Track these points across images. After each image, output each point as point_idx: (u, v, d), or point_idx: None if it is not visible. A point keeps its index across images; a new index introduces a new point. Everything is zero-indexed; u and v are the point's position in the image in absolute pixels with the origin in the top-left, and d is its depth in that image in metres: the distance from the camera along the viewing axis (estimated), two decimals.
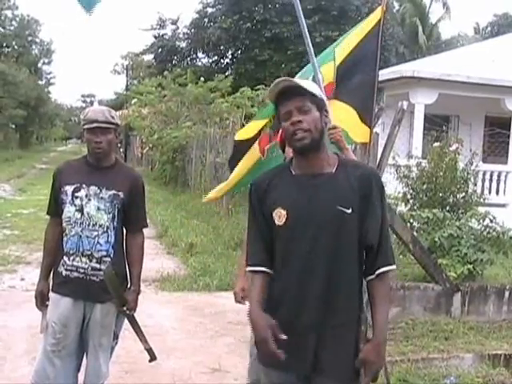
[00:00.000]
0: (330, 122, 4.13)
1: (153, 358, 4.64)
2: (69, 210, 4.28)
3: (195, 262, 11.14)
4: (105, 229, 4.27)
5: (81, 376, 4.48)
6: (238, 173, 5.47)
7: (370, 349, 2.97)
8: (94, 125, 4.22)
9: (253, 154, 5.39)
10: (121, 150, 50.14)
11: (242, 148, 5.50)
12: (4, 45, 60.76)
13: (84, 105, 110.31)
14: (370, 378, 2.99)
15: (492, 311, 8.33)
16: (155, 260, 11.35)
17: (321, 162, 3.05)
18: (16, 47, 63.39)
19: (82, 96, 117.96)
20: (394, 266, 3.06)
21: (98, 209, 4.26)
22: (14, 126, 58.29)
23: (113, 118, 4.31)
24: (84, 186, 4.28)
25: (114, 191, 4.29)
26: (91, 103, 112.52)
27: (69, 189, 4.29)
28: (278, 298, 3.07)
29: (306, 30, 5.07)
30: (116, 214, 4.30)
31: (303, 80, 3.14)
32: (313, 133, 2.99)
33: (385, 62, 29.02)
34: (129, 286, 4.46)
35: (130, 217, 4.40)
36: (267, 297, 3.08)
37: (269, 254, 3.13)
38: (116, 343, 4.59)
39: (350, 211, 2.97)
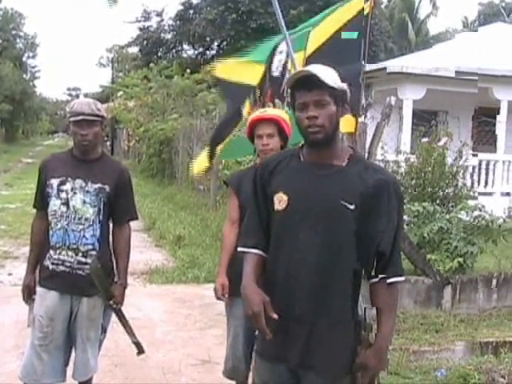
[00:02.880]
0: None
1: (141, 351, 4.64)
2: (54, 204, 4.26)
3: (183, 254, 11.14)
4: (90, 222, 4.25)
5: (69, 371, 4.46)
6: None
7: (371, 355, 2.94)
8: (80, 117, 4.19)
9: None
10: (107, 143, 49.95)
11: (228, 86, 5.43)
12: None
13: (70, 98, 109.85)
14: (368, 381, 2.97)
15: (482, 299, 8.37)
16: (143, 253, 11.33)
17: (331, 153, 3.00)
18: (0, 41, 62.95)
19: (68, 89, 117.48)
20: (402, 278, 3.05)
21: (84, 202, 4.24)
22: None
23: (99, 110, 4.28)
24: (69, 179, 4.26)
25: (99, 184, 4.27)
26: (77, 96, 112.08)
27: (54, 182, 4.27)
28: (271, 285, 3.04)
29: (282, 21, 5.07)
30: (102, 207, 4.28)
31: (328, 69, 3.03)
32: (326, 128, 2.93)
33: (373, 58, 29.05)
34: (115, 279, 4.44)
35: (116, 210, 4.38)
36: (262, 282, 3.06)
37: (263, 236, 3.11)
38: (104, 337, 4.56)
39: (353, 207, 2.91)
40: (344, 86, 3.00)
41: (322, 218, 2.93)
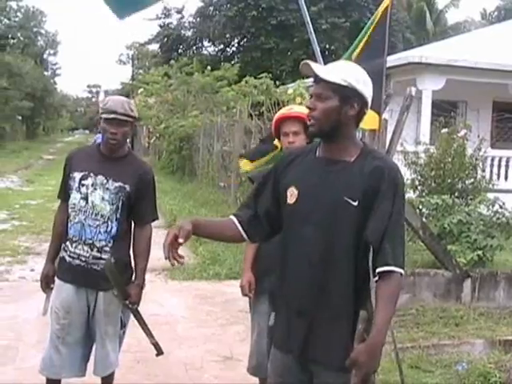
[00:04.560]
0: None
1: (159, 352, 4.59)
2: (74, 197, 4.29)
3: (204, 250, 11.15)
4: (106, 219, 4.26)
5: (91, 367, 4.48)
6: None
7: (363, 350, 2.80)
8: (112, 116, 4.21)
9: None
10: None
11: None
12: (9, 36, 60.65)
13: (90, 95, 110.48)
14: (360, 380, 2.81)
15: (502, 297, 8.31)
16: None
17: (340, 149, 2.99)
18: (21, 38, 63.30)
19: (88, 86, 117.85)
20: (393, 268, 2.86)
21: (103, 199, 4.25)
22: (20, 118, 58.28)
23: (131, 110, 4.29)
24: (92, 174, 4.28)
25: (120, 183, 4.28)
26: (97, 94, 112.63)
27: (77, 175, 4.30)
28: (281, 278, 3.10)
29: (309, 19, 5.04)
30: (120, 205, 4.29)
31: (342, 65, 3.11)
32: (322, 122, 2.94)
33: (391, 48, 28.88)
34: (133, 278, 4.45)
35: (136, 210, 4.38)
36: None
37: (251, 215, 3.18)
38: (124, 332, 4.56)
39: (355, 203, 2.90)
40: (359, 85, 2.96)
41: (326, 214, 2.94)
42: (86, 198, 4.26)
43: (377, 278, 2.90)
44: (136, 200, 4.35)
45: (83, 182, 4.28)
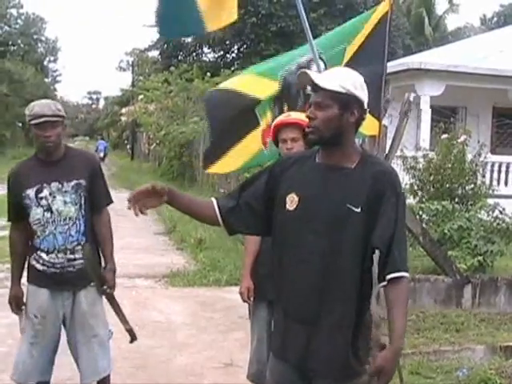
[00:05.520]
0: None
1: (133, 338, 4.58)
2: (36, 213, 4.25)
3: (205, 257, 11.16)
4: (74, 220, 4.28)
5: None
6: (241, 154, 5.40)
7: (388, 357, 2.82)
8: (43, 119, 4.17)
9: (257, 142, 5.33)
10: (128, 146, 50.11)
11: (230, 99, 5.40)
12: (10, 43, 60.66)
13: (90, 102, 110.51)
14: None
15: (503, 303, 8.31)
16: (164, 256, 11.38)
17: (340, 155, 2.98)
18: (22, 45, 63.27)
19: (88, 93, 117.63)
20: (403, 273, 2.90)
21: (65, 202, 4.25)
22: (20, 125, 58.23)
23: (59, 110, 4.28)
24: (45, 184, 4.26)
25: (75, 181, 4.29)
26: (97, 100, 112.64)
27: (30, 192, 4.25)
28: (277, 285, 3.09)
29: (308, 25, 5.03)
30: (82, 202, 4.31)
31: (340, 72, 3.09)
32: (322, 131, 2.92)
33: (391, 54, 28.84)
34: (104, 265, 4.46)
35: (92, 197, 4.38)
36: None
37: (232, 203, 3.14)
38: (109, 336, 4.54)
39: (358, 210, 2.89)
40: (357, 92, 2.95)
41: (328, 222, 2.92)
42: (49, 209, 4.24)
43: (384, 284, 2.91)
44: (91, 189, 4.35)
45: (39, 195, 4.25)
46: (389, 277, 2.89)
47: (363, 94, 2.99)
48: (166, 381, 5.83)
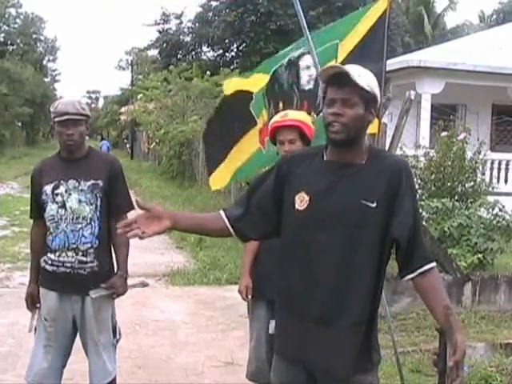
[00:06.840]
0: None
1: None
2: (51, 208, 4.25)
3: (205, 256, 11.17)
4: (88, 220, 4.24)
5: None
6: (237, 158, 5.41)
7: (458, 349, 2.66)
8: (65, 117, 4.18)
9: (254, 141, 5.34)
10: (127, 145, 50.09)
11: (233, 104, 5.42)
12: (9, 43, 60.69)
13: (89, 101, 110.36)
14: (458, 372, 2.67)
15: (503, 300, 8.32)
16: (164, 254, 11.39)
17: (353, 153, 2.92)
18: (21, 45, 63.27)
19: (88, 92, 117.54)
20: (433, 263, 2.90)
21: (80, 201, 4.23)
22: (20, 124, 58.33)
23: (83, 109, 4.27)
24: (62, 181, 4.25)
25: (92, 181, 4.26)
26: (96, 99, 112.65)
27: (48, 188, 4.26)
28: (288, 286, 3.01)
29: (305, 23, 5.03)
30: (98, 203, 4.27)
31: (365, 71, 2.95)
32: (350, 129, 2.84)
33: (390, 52, 28.82)
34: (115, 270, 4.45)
35: (112, 202, 4.35)
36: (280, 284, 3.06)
37: (241, 211, 3.08)
38: (117, 341, 4.53)
39: (374, 205, 2.85)
40: (377, 91, 2.92)
41: (343, 219, 2.87)
42: (63, 206, 4.23)
43: (413, 275, 2.89)
44: (110, 193, 4.32)
45: (56, 191, 4.25)
46: (424, 268, 2.87)
47: (379, 94, 2.97)
48: (167, 380, 5.83)
